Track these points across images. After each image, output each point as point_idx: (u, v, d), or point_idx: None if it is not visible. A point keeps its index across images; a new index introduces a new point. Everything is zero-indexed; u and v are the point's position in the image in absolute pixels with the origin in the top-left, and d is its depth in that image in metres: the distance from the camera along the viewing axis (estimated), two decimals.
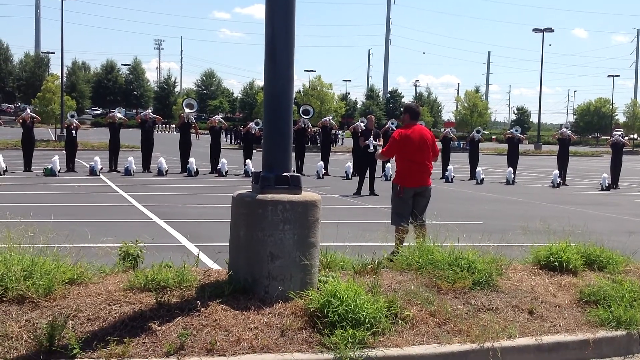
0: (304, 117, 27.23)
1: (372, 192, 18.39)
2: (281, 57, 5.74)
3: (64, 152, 24.42)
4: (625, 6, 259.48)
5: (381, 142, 17.36)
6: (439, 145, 28.95)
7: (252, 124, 26.98)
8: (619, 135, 25.70)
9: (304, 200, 5.57)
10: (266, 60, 5.80)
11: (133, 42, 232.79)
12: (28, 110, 25.01)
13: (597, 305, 6.08)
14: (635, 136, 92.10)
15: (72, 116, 24.74)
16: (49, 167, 21.56)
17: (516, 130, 26.29)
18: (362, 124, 25.38)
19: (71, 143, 23.79)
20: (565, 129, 25.77)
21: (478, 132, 27.30)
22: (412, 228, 8.35)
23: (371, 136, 17.84)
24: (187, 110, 25.27)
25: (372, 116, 21.58)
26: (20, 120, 23.73)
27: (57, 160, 21.89)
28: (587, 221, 12.32)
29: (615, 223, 14.10)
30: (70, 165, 23.30)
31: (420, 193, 8.61)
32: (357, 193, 18.31)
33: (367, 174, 18.67)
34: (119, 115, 25.00)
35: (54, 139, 47.35)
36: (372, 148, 17.04)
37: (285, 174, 5.69)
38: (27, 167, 22.78)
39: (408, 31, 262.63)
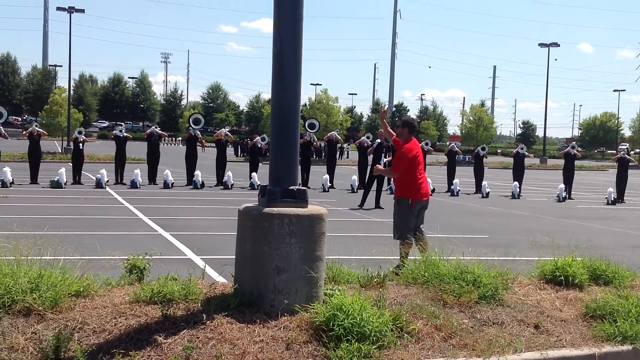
0: (310, 131, 27.34)
1: (377, 205, 18.40)
2: (288, 72, 5.78)
3: (71, 164, 24.52)
4: (630, 21, 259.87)
5: (390, 158, 17.34)
6: (444, 159, 28.62)
7: (258, 138, 27.06)
8: (625, 150, 25.71)
9: (310, 213, 5.59)
10: (273, 75, 5.84)
11: (140, 56, 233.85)
12: (35, 124, 25.16)
13: (603, 320, 6.06)
14: None
15: (80, 132, 24.84)
16: (56, 179, 21.64)
17: (521, 149, 26.35)
18: (367, 139, 25.40)
19: (78, 156, 23.89)
20: (571, 148, 25.74)
21: (483, 149, 27.41)
22: (414, 240, 8.40)
23: (383, 153, 17.80)
24: (193, 125, 25.35)
25: (382, 130, 21.59)
26: (27, 134, 23.86)
27: (63, 172, 21.97)
28: (592, 235, 12.32)
29: (621, 237, 14.06)
30: (76, 178, 23.38)
31: (425, 205, 8.82)
32: (361, 205, 18.36)
33: (374, 187, 18.71)
34: (118, 133, 24.85)
35: (60, 151, 47.53)
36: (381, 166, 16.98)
37: (291, 187, 5.71)
38: (34, 179, 22.87)
39: (414, 45, 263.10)
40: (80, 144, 23.89)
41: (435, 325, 5.50)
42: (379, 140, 19.35)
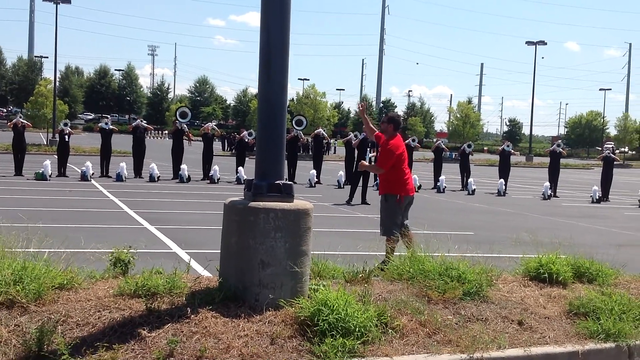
0: (297, 128, 27.35)
1: (363, 201, 18.46)
2: (276, 66, 5.76)
3: (56, 156, 24.35)
4: (617, 21, 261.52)
5: (375, 154, 17.38)
6: (431, 155, 28.62)
7: (245, 132, 27.01)
8: (610, 149, 25.94)
9: (296, 208, 5.58)
10: (261, 69, 5.82)
11: (127, 48, 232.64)
12: (20, 115, 24.96)
13: (586, 317, 6.10)
14: (626, 149, 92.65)
15: (66, 124, 24.63)
16: (40, 171, 21.50)
17: (507, 147, 26.51)
18: (354, 136, 25.40)
19: (63, 148, 23.73)
20: (557, 147, 25.91)
21: (469, 146, 27.54)
22: (400, 236, 8.42)
23: (368, 148, 17.82)
24: (180, 119, 25.25)
25: None
26: (12, 125, 23.67)
27: (48, 164, 21.83)
28: (577, 233, 12.40)
29: (605, 236, 14.17)
30: (61, 170, 23.24)
31: (411, 201, 8.85)
32: (349, 201, 18.39)
33: (360, 183, 18.75)
34: (104, 126, 24.71)
35: (45, 143, 47.21)
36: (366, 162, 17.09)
37: (277, 182, 5.70)
38: (18, 171, 22.71)
39: (402, 41, 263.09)
40: (66, 136, 23.73)
41: (420, 321, 5.52)
42: (364, 134, 19.40)
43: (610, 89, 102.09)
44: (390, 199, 8.65)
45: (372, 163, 10.48)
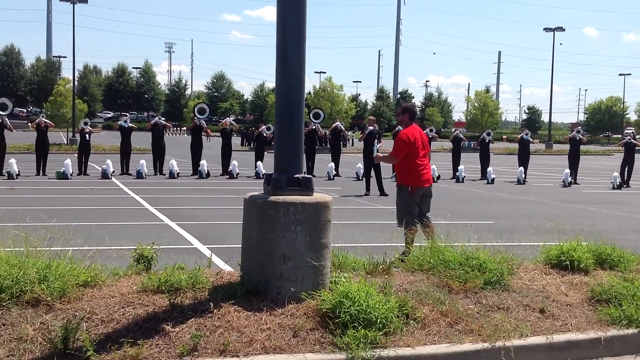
0: (315, 121, 27.37)
1: (381, 192, 18.45)
2: (292, 60, 5.78)
3: (76, 155, 24.56)
4: (636, 5, 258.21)
5: (382, 143, 17.48)
6: (449, 145, 28.54)
7: (263, 127, 27.06)
8: (631, 134, 25.65)
9: (316, 201, 5.61)
10: (277, 63, 5.84)
11: (144, 46, 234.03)
12: (42, 115, 25.20)
13: (608, 304, 6.08)
14: None
15: (86, 123, 24.79)
16: (62, 170, 21.70)
17: (526, 135, 26.27)
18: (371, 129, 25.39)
19: (85, 146, 23.92)
20: (576, 133, 25.65)
21: (488, 134, 27.28)
22: (420, 227, 8.41)
23: (375, 139, 17.89)
24: (198, 115, 25.35)
25: (372, 117, 21.67)
26: (35, 125, 23.89)
27: (69, 163, 22.02)
28: (598, 220, 12.31)
29: (626, 222, 14.06)
30: (82, 169, 23.44)
31: (428, 192, 8.77)
32: (367, 193, 18.43)
33: (373, 174, 18.77)
34: (123, 124, 24.87)
35: (65, 142, 47.60)
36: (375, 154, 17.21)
37: (296, 175, 5.73)
38: (42, 171, 22.92)
39: (418, 32, 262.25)
40: (87, 135, 23.92)
41: (441, 311, 5.53)
42: (370, 128, 19.42)
43: (630, 74, 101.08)
44: (404, 190, 8.64)
45: (376, 154, 10.49)
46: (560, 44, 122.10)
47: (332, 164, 25.18)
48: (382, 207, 15.58)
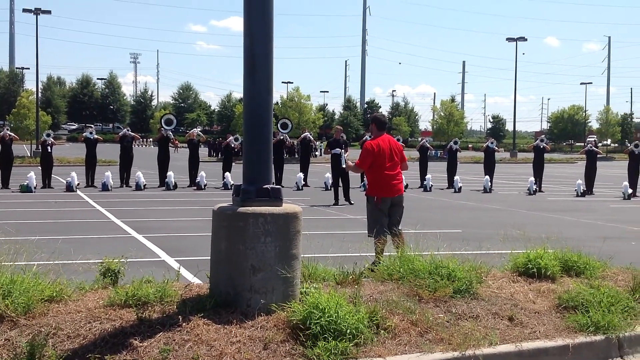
0: (282, 131, 27.42)
1: (347, 200, 18.57)
2: (260, 71, 5.77)
3: (40, 168, 24.22)
4: (595, 15, 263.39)
5: (348, 152, 17.73)
6: (416, 154, 28.68)
7: (231, 137, 26.98)
8: (593, 142, 26.13)
9: (285, 212, 5.59)
10: (245, 74, 5.82)
11: (109, 56, 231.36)
12: (7, 128, 24.82)
13: (575, 310, 6.15)
14: (609, 142, 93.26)
15: (48, 135, 24.45)
16: (25, 183, 21.36)
17: (491, 143, 26.66)
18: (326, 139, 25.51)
19: (47, 159, 23.59)
20: (540, 142, 26.05)
21: (455, 142, 27.62)
22: (390, 238, 8.41)
23: (341, 149, 18.09)
24: (165, 126, 25.18)
25: (340, 127, 21.77)
26: None
27: (32, 176, 21.69)
28: (563, 228, 12.47)
29: (591, 229, 14.26)
30: (46, 182, 23.10)
31: (397, 202, 8.72)
32: (335, 203, 18.48)
33: (341, 183, 18.87)
34: (89, 135, 24.61)
35: (29, 155, 46.90)
36: (343, 164, 17.34)
37: (265, 186, 5.70)
38: (5, 184, 22.54)
39: (384, 42, 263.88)
40: (49, 147, 23.59)
41: (411, 321, 5.54)
42: (333, 137, 19.68)
43: (591, 83, 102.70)
44: (370, 200, 8.65)
45: (344, 164, 10.50)
46: (523, 53, 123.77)
47: (301, 174, 25.21)
48: (352, 217, 15.60)
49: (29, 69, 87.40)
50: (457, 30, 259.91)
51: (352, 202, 18.30)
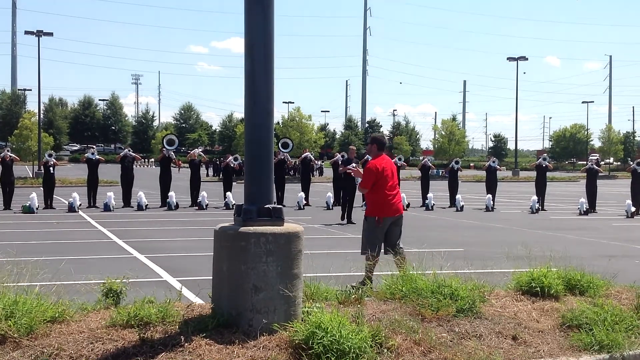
0: (283, 150, 27.48)
1: (349, 220, 18.59)
2: (261, 91, 5.80)
3: (42, 189, 24.25)
4: (596, 34, 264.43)
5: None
6: (418, 173, 28.65)
7: (231, 157, 27.05)
8: (594, 161, 26.16)
9: (287, 231, 5.59)
10: (246, 94, 5.85)
11: (110, 78, 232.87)
12: (7, 149, 24.94)
13: (579, 329, 6.12)
14: (611, 160, 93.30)
15: (50, 155, 24.53)
16: (27, 204, 21.38)
17: (493, 162, 26.71)
18: (341, 157, 25.60)
19: (49, 180, 23.64)
20: (542, 160, 26.07)
21: (457, 162, 27.71)
22: (392, 257, 8.40)
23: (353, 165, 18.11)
24: (167, 146, 25.25)
25: (353, 147, 21.82)
26: (0, 159, 23.54)
27: (35, 197, 21.71)
28: (567, 246, 12.43)
29: (594, 247, 14.23)
30: (48, 202, 23.12)
31: (396, 222, 8.73)
32: (342, 220, 18.64)
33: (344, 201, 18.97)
34: (90, 156, 24.69)
35: (31, 175, 46.99)
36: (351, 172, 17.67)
37: (267, 206, 5.70)
38: (7, 205, 22.55)
39: (384, 62, 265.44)
40: (51, 168, 23.64)
41: (414, 340, 5.51)
42: (341, 157, 19.73)
43: (593, 102, 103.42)
44: (370, 220, 8.65)
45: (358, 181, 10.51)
46: (524, 72, 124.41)
47: (302, 194, 25.21)
48: (353, 236, 15.56)
49: (31, 90, 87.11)
50: (457, 50, 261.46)
51: (354, 222, 18.29)
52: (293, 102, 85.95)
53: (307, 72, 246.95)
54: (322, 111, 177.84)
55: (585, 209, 23.26)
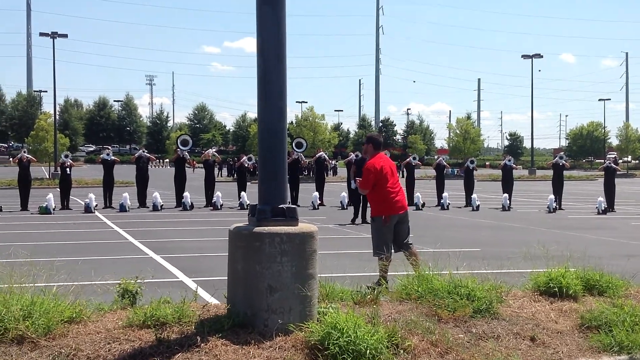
0: (297, 150, 27.48)
1: (364, 220, 18.53)
2: (274, 91, 5.78)
3: (59, 190, 24.40)
4: (611, 31, 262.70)
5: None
6: (432, 172, 28.61)
7: (245, 157, 27.10)
8: (612, 159, 25.91)
9: (301, 231, 5.57)
10: (259, 94, 5.84)
11: (125, 79, 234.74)
12: (24, 150, 25.16)
13: (598, 330, 6.06)
14: (629, 158, 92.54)
15: (67, 156, 24.70)
16: (44, 205, 21.51)
17: (509, 161, 26.50)
18: (355, 156, 25.57)
19: (65, 181, 23.78)
20: (559, 159, 25.87)
21: (472, 162, 27.58)
22: (405, 256, 8.36)
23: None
24: (181, 147, 25.35)
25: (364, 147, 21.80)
26: (17, 160, 23.74)
27: (51, 198, 21.84)
28: (585, 246, 12.33)
29: (613, 247, 14.10)
30: (65, 203, 23.25)
31: (402, 219, 8.67)
32: (354, 220, 18.55)
33: (361, 202, 18.88)
34: (106, 157, 24.85)
35: (48, 177, 47.31)
36: (353, 185, 18.00)
37: (281, 205, 5.69)
38: (24, 206, 22.71)
39: (398, 60, 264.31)
40: (68, 169, 23.79)
41: (431, 341, 5.48)
42: (357, 155, 19.69)
43: (610, 99, 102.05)
44: (377, 220, 8.59)
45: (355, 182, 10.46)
46: (539, 70, 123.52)
47: (317, 194, 25.18)
48: (368, 236, 15.52)
49: (46, 91, 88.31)
50: (471, 48, 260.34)
51: (369, 221, 18.21)
52: (306, 102, 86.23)
53: (320, 71, 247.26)
54: (335, 110, 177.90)
55: (603, 208, 23.06)
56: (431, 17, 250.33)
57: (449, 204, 24.63)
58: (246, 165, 26.47)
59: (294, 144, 28.05)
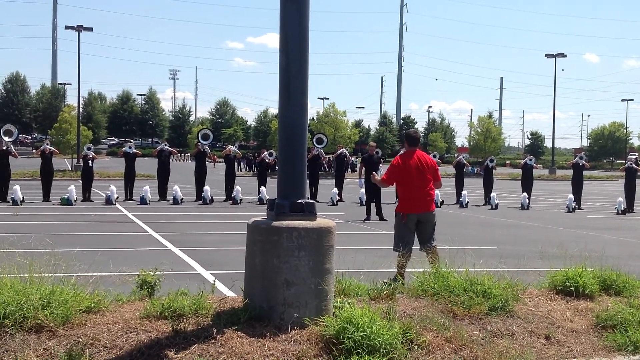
0: (318, 146, 27.52)
1: (380, 217, 18.49)
2: (295, 87, 5.82)
3: (80, 181, 24.64)
4: (636, 31, 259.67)
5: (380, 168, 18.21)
6: (452, 171, 28.51)
7: (266, 153, 27.19)
8: (633, 160, 25.64)
9: (319, 226, 5.61)
10: (280, 90, 5.88)
11: (148, 73, 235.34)
12: (47, 142, 25.42)
13: (614, 330, 6.05)
14: None
15: (89, 149, 24.96)
16: (66, 196, 21.74)
17: (529, 160, 26.31)
18: (377, 154, 25.59)
19: (87, 173, 24.02)
20: (579, 159, 25.66)
21: (491, 160, 27.48)
22: (425, 255, 8.36)
23: (376, 164, 18.63)
24: (202, 141, 25.49)
25: (373, 143, 21.79)
26: (39, 152, 24.03)
27: (73, 190, 22.07)
28: (603, 246, 12.25)
29: (631, 247, 14.00)
30: (86, 195, 23.49)
31: (424, 219, 8.58)
32: (367, 218, 18.49)
33: (374, 199, 18.88)
34: (128, 150, 25.05)
35: (70, 168, 47.75)
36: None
37: (300, 200, 5.73)
38: (46, 197, 22.98)
39: (420, 58, 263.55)
40: (90, 161, 24.02)
41: (446, 337, 5.50)
42: (366, 151, 19.85)
43: (632, 100, 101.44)
44: (397, 216, 8.61)
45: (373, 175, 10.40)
46: (562, 69, 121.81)
47: (336, 190, 25.23)
48: (385, 233, 15.54)
49: (70, 84, 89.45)
50: (494, 46, 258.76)
51: (386, 218, 18.19)
52: (328, 98, 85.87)
53: (343, 68, 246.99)
54: (357, 107, 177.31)
55: (623, 209, 22.88)
56: (455, 15, 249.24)
57: (467, 202, 24.57)
58: (267, 160, 26.56)
59: (314, 140, 28.08)
